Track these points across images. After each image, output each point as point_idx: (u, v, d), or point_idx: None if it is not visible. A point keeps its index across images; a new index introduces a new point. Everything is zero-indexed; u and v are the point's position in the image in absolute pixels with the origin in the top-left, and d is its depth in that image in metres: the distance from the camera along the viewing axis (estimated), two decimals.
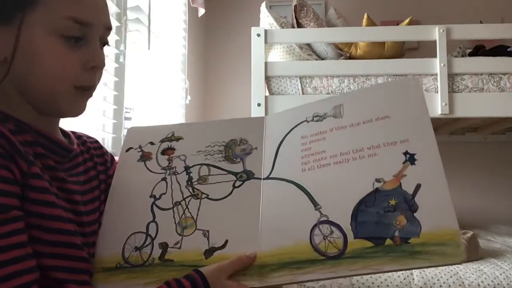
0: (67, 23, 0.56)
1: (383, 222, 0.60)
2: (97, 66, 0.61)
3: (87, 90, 0.62)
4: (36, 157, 0.56)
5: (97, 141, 0.77)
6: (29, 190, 0.53)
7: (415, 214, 0.59)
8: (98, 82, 0.65)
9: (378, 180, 0.64)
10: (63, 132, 0.69)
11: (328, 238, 0.61)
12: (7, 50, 0.56)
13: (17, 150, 0.52)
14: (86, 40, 0.59)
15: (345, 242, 0.60)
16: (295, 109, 0.78)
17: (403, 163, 0.64)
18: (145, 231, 0.68)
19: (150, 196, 0.72)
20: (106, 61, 0.64)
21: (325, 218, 0.63)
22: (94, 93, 0.64)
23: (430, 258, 0.55)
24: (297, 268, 0.60)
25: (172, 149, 0.77)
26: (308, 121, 0.75)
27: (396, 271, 0.61)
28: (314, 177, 0.68)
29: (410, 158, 0.64)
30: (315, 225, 0.63)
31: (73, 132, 0.72)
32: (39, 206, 0.53)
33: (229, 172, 0.73)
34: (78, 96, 0.61)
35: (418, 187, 0.61)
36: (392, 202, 0.61)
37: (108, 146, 1.39)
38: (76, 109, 0.62)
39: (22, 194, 0.52)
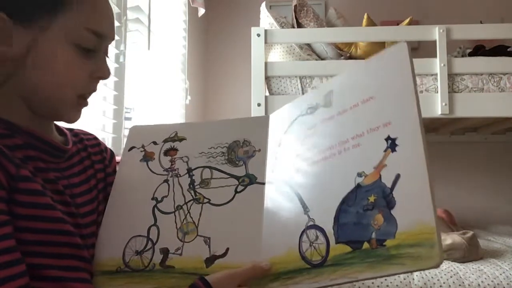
0: (86, 34, 0.58)
1: (362, 223, 0.53)
2: (103, 77, 0.62)
3: (86, 98, 0.63)
4: (26, 160, 0.56)
5: (95, 138, 0.76)
6: (18, 193, 0.51)
7: (392, 211, 0.51)
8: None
9: (359, 175, 0.56)
10: (59, 130, 0.68)
11: (313, 244, 0.58)
12: (18, 50, 0.55)
13: (3, 154, 0.51)
14: (95, 51, 0.60)
15: (328, 248, 0.56)
16: (293, 103, 0.74)
17: (384, 151, 0.55)
18: (146, 235, 0.67)
19: (152, 199, 0.70)
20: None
21: (312, 223, 0.59)
22: (94, 93, 0.64)
23: (404, 262, 0.47)
24: (288, 278, 0.57)
25: (175, 149, 0.76)
26: (302, 115, 0.70)
27: (372, 278, 0.55)
28: (305, 178, 0.64)
29: (391, 144, 0.55)
30: (303, 231, 0.60)
31: (70, 130, 0.71)
32: (30, 209, 0.52)
33: (232, 176, 0.71)
34: (78, 104, 0.62)
35: (397, 178, 0.52)
36: (371, 198, 0.54)
37: (108, 146, 1.39)
38: (74, 117, 0.63)
39: (9, 198, 0.51)
